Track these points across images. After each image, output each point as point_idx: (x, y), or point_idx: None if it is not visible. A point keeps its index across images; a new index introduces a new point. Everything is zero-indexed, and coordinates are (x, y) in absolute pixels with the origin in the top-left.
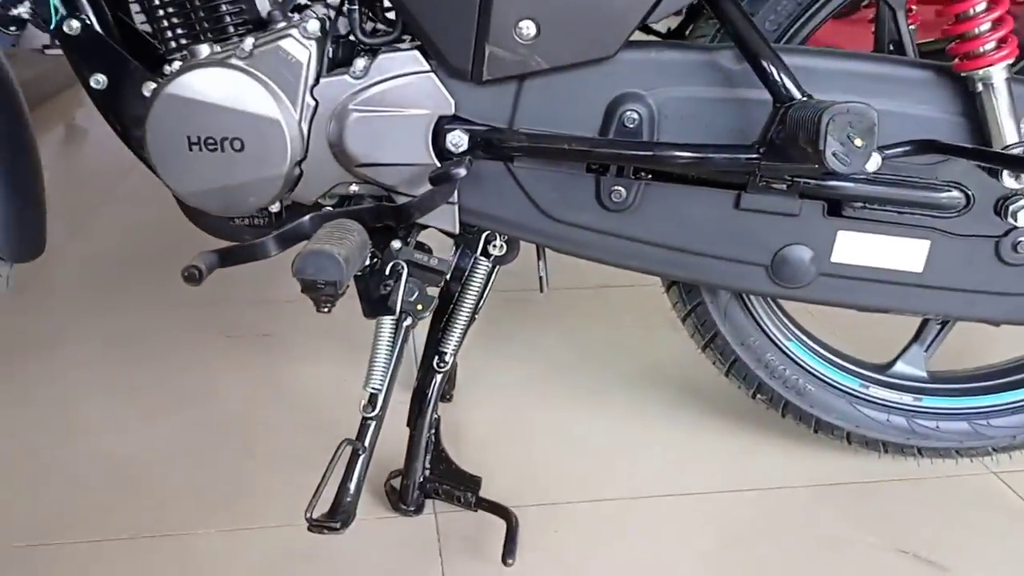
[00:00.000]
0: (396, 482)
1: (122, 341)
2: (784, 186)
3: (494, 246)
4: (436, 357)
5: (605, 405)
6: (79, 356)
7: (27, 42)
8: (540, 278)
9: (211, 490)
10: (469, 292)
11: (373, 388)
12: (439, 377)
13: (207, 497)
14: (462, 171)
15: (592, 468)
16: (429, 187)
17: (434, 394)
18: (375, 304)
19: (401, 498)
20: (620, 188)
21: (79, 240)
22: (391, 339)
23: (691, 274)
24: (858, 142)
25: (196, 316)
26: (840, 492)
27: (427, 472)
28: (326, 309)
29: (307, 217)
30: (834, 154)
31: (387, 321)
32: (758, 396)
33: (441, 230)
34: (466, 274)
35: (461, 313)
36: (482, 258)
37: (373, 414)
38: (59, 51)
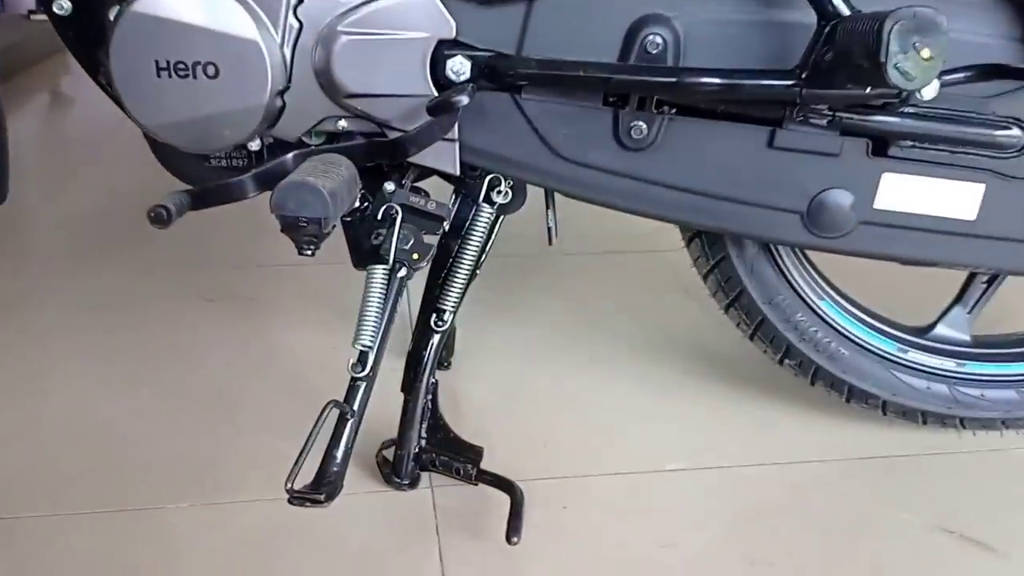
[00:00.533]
0: (389, 453)
1: (96, 304)
2: (824, 121)
3: (498, 192)
4: (434, 315)
5: (615, 373)
6: (50, 319)
7: (12, 6)
8: (549, 228)
9: (187, 461)
10: (470, 243)
11: (363, 345)
12: (437, 337)
13: (183, 468)
14: (464, 99)
15: (602, 440)
16: (425, 118)
17: (431, 356)
18: (366, 253)
19: (394, 470)
20: (640, 123)
21: (56, 202)
22: (383, 290)
23: (717, 222)
24: (925, 53)
25: (175, 279)
26: (875, 466)
27: (423, 442)
28: (309, 251)
29: (290, 155)
30: (896, 67)
31: (379, 270)
32: (786, 361)
33: (440, 173)
34: (467, 224)
35: (462, 266)
36: (485, 205)
37: (363, 374)
38: (44, 16)
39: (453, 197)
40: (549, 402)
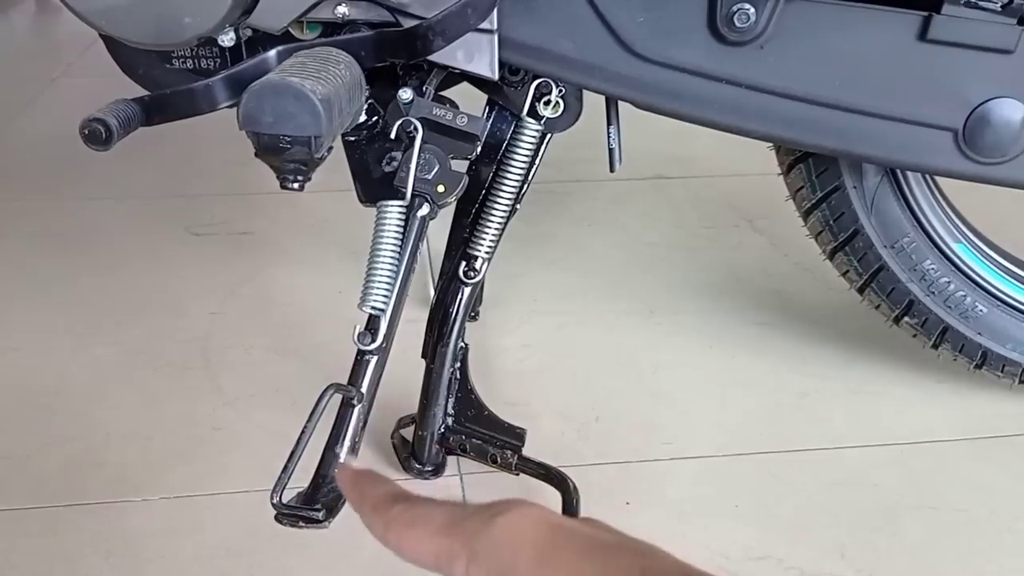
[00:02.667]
0: (407, 432)
1: (61, 236)
2: (999, 4)
3: (547, 102)
4: (463, 263)
5: (677, 328)
6: (2, 252)
7: None
8: (611, 150)
9: (157, 441)
10: (510, 170)
11: (373, 307)
12: (467, 291)
13: (151, 450)
14: None
15: (666, 413)
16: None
17: (459, 314)
18: (376, 184)
19: (414, 454)
20: (746, 7)
21: (25, 117)
22: (398, 235)
23: (842, 142)
24: None
25: (156, 209)
26: (1007, 447)
27: (450, 420)
28: (295, 184)
29: (273, 51)
30: None
31: (393, 208)
32: (905, 319)
33: (471, 77)
34: (506, 144)
35: (499, 200)
36: (530, 120)
37: (373, 346)
38: None
39: (487, 109)
40: (600, 364)
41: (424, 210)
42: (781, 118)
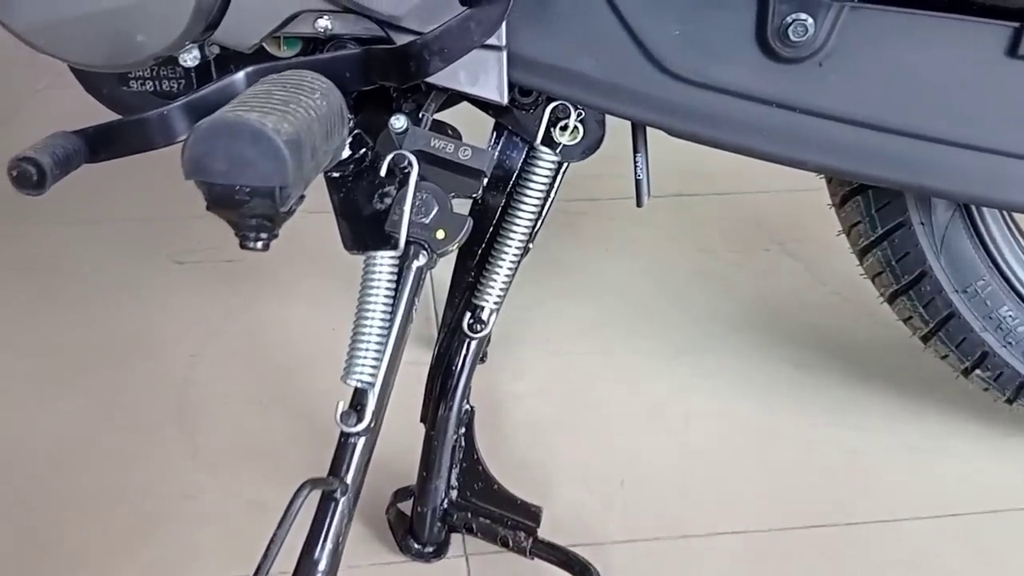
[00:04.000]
0: (406, 507)
1: (29, 265)
2: None
3: (564, 128)
4: (468, 314)
5: (704, 370)
6: None
7: None
8: (638, 181)
9: (123, 512)
10: (523, 205)
11: (359, 380)
12: (473, 345)
13: (115, 525)
14: None
15: (700, 476)
16: (458, 12)
17: (464, 373)
18: (364, 228)
19: (413, 533)
20: (803, 17)
21: (2, 130)
22: (389, 291)
23: (914, 176)
24: None
25: (136, 234)
26: None
27: (453, 494)
28: (258, 244)
29: (242, 72)
30: None
31: (384, 261)
32: (976, 372)
33: (475, 100)
34: (516, 176)
35: (509, 241)
36: (544, 149)
37: (359, 427)
38: None
39: (494, 136)
40: (624, 415)
41: (421, 260)
42: (842, 147)
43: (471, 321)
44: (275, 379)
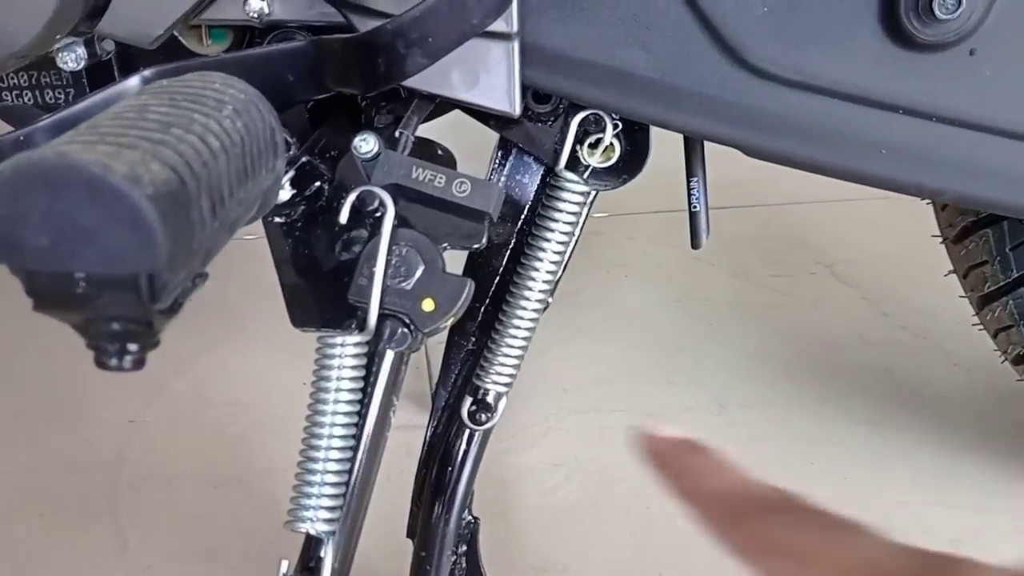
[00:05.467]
0: None
1: None
2: None
3: (594, 144)
4: (470, 398)
5: (755, 429)
6: None
7: None
8: (694, 214)
9: None
10: (541, 252)
11: (313, 527)
12: (476, 438)
13: None
14: None
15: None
16: None
17: (466, 472)
18: (318, 294)
19: None
20: None
21: None
22: (354, 391)
23: None
24: None
25: None
26: None
27: None
28: (124, 362)
29: (137, 77)
30: None
31: (345, 347)
32: None
33: (473, 109)
34: (530, 208)
35: (524, 299)
36: (570, 176)
37: None
38: None
39: (498, 157)
40: (661, 495)
41: (401, 342)
42: (999, 171)
43: (473, 408)
44: (231, 451)
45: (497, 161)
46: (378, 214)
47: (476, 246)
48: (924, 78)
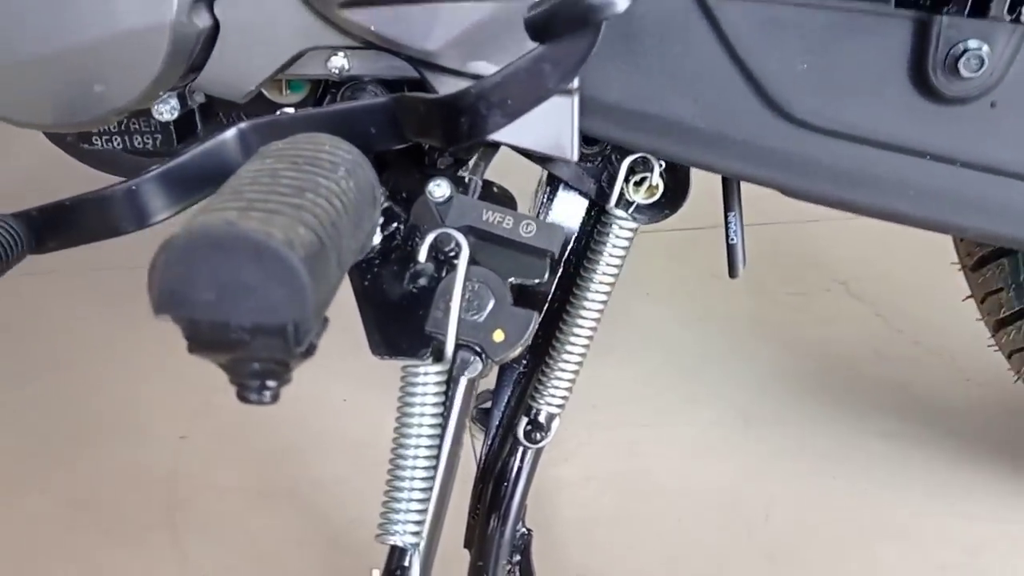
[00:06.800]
0: None
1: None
2: None
3: (638, 184)
4: (525, 418)
5: (779, 444)
6: None
7: None
8: (730, 247)
9: None
10: (593, 284)
11: (401, 540)
12: (530, 455)
13: None
14: (621, 0)
15: None
16: (524, 48)
17: (520, 486)
18: (395, 325)
19: None
20: (978, 45)
21: None
22: (436, 413)
23: None
24: None
25: (114, 285)
26: None
27: None
28: (264, 396)
29: (233, 129)
30: None
31: (429, 376)
32: None
33: (525, 151)
34: (583, 245)
35: (577, 328)
36: (620, 213)
37: None
38: None
39: (547, 192)
40: (692, 506)
41: (474, 370)
42: (1017, 210)
43: (528, 428)
44: (278, 465)
45: (545, 196)
46: (452, 253)
47: (539, 281)
48: (950, 127)
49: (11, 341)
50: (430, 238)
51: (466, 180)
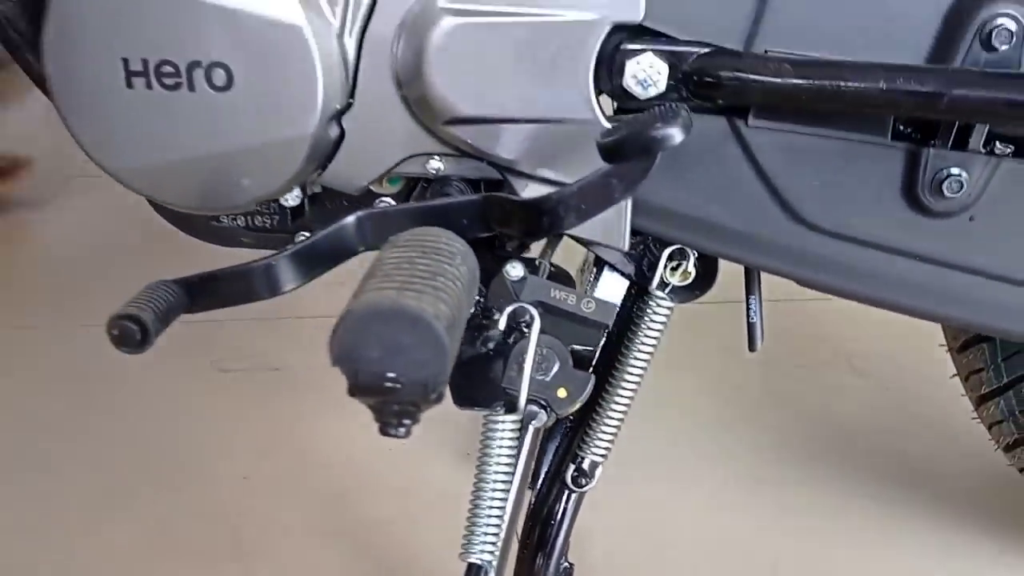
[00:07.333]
0: None
1: (64, 371)
2: None
3: (673, 269)
4: (572, 466)
5: (787, 504)
6: None
7: None
8: (750, 325)
9: None
10: (637, 355)
11: (480, 558)
12: (574, 499)
13: None
14: (677, 133)
15: None
16: (588, 161)
17: (564, 525)
18: (471, 381)
19: None
20: (959, 172)
21: (34, 223)
22: (511, 456)
23: None
24: None
25: (177, 338)
26: None
27: None
28: (399, 431)
29: (352, 217)
30: None
31: (507, 424)
32: None
33: (584, 240)
34: (627, 322)
35: (621, 391)
36: (660, 294)
37: None
38: None
39: (595, 272)
40: (710, 558)
41: (541, 419)
42: (988, 304)
43: (575, 474)
44: (334, 507)
45: (592, 276)
46: (523, 323)
47: (596, 349)
48: (935, 235)
49: (78, 387)
50: (509, 310)
51: (536, 263)
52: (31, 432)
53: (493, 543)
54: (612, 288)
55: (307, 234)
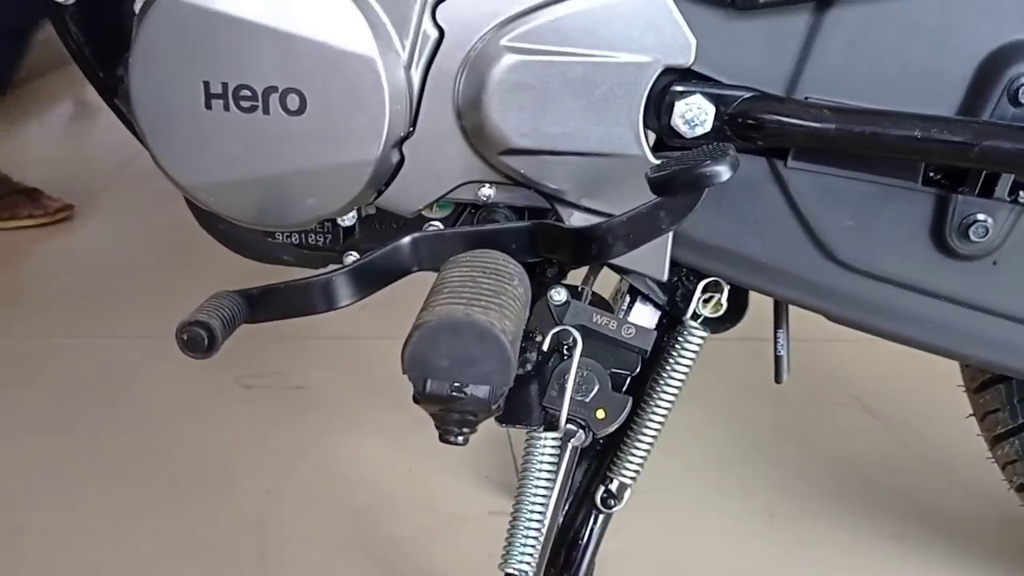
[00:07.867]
0: None
1: (89, 384)
2: None
3: (706, 301)
4: (602, 488)
5: (800, 538)
6: (22, 401)
7: None
8: (777, 358)
9: None
10: (670, 383)
11: (517, 568)
12: (601, 519)
13: None
14: (726, 170)
15: None
16: (634, 193)
17: (591, 545)
18: (516, 403)
19: None
20: (985, 218)
21: (61, 236)
22: (550, 472)
23: None
24: None
25: None
26: None
27: None
28: (459, 438)
29: (408, 238)
30: None
31: (548, 441)
32: None
33: (624, 269)
34: (661, 350)
35: (653, 416)
36: (694, 324)
37: None
38: None
39: (628, 300)
40: None
41: (579, 439)
42: (1010, 346)
43: (605, 495)
44: (355, 522)
45: (627, 304)
46: (565, 346)
47: (633, 373)
48: (960, 277)
49: (104, 399)
50: (552, 333)
51: (579, 289)
52: (56, 443)
53: (531, 555)
54: (644, 317)
55: (355, 254)
